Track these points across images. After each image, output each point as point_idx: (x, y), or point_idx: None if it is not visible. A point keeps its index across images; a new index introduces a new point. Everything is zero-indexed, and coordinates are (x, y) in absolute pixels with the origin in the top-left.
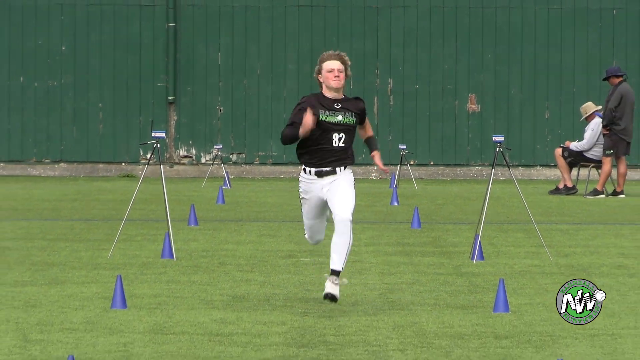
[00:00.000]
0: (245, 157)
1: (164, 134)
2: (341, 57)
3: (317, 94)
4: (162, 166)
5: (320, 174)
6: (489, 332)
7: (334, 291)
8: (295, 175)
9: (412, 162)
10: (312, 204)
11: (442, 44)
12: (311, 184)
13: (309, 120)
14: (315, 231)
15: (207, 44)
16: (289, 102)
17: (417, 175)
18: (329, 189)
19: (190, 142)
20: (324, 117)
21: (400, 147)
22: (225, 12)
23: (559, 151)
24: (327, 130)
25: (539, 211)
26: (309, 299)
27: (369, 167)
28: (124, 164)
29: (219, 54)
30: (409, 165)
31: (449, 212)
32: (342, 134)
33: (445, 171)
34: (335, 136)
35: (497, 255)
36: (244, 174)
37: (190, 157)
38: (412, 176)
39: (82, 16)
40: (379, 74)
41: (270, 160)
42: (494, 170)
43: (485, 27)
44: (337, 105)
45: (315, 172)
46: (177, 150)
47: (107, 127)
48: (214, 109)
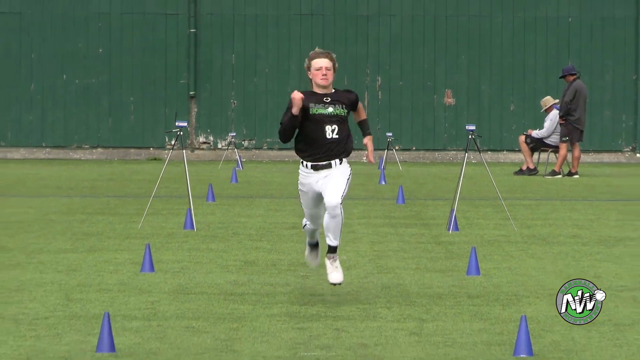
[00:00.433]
0: (255, 143)
1: (186, 124)
2: (329, 55)
3: (307, 91)
4: (184, 151)
5: (316, 168)
6: (463, 292)
7: (337, 278)
8: (298, 158)
9: (397, 148)
10: (309, 197)
11: (423, 47)
12: (308, 176)
13: (296, 95)
14: (314, 217)
15: (223, 47)
16: None
17: (402, 158)
18: (323, 182)
19: (208, 130)
20: (314, 110)
21: (387, 134)
22: (238, 20)
23: (523, 138)
24: (320, 122)
25: (505, 189)
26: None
27: (360, 152)
28: (151, 149)
29: (233, 55)
30: (394, 150)
31: (429, 190)
32: (335, 126)
33: (425, 155)
34: (328, 128)
35: (469, 226)
36: (254, 157)
37: (208, 143)
38: (397, 159)
39: (116, 23)
40: (369, 73)
41: (276, 146)
42: (467, 154)
43: (459, 33)
44: (327, 99)
45: (311, 165)
46: (197, 137)
47: (137, 117)
48: (228, 102)
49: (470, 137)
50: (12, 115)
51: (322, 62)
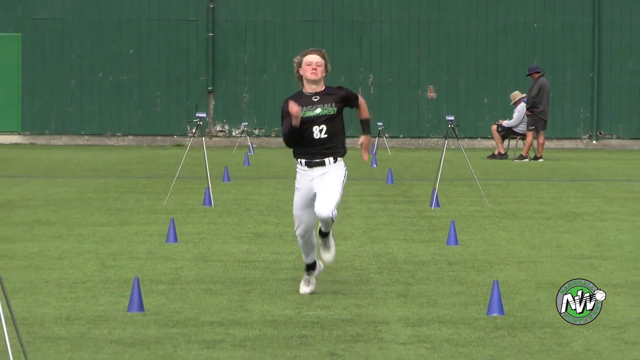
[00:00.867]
0: (264, 131)
1: (204, 115)
2: (320, 52)
3: (297, 93)
4: (203, 138)
5: (310, 165)
6: (443, 260)
7: (328, 258)
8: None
9: (387, 135)
10: (302, 194)
11: (409, 49)
12: (304, 174)
13: (294, 108)
14: (304, 222)
15: (237, 49)
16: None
17: (391, 145)
18: (318, 182)
19: (224, 120)
20: (302, 113)
21: (378, 124)
22: (250, 26)
23: (495, 127)
24: (308, 124)
25: (479, 171)
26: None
27: (355, 138)
28: (175, 136)
29: (245, 56)
30: (384, 137)
31: (414, 172)
32: (323, 126)
33: (411, 142)
34: (315, 129)
35: (449, 203)
36: (264, 144)
37: (224, 132)
38: (387, 145)
39: (144, 28)
40: (362, 71)
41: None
42: (446, 141)
43: (440, 36)
44: (316, 98)
45: (305, 162)
46: (215, 126)
47: (163, 109)
48: (241, 96)
49: (449, 126)
50: (55, 107)
51: (313, 58)
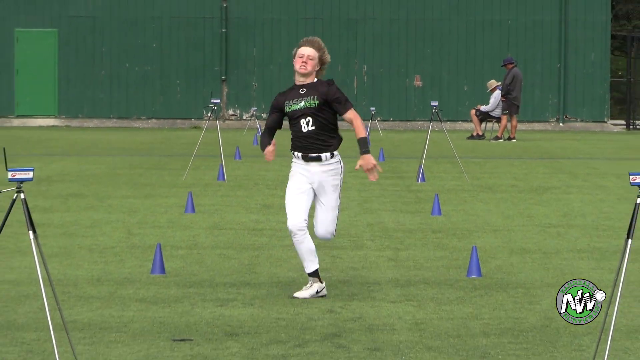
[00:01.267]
0: None
1: (219, 100)
2: (315, 44)
3: (291, 86)
4: (217, 121)
5: (306, 159)
6: (428, 228)
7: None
8: None
9: (378, 119)
10: (297, 179)
11: (398, 43)
12: (299, 165)
13: (268, 157)
14: (295, 208)
15: (247, 42)
16: None
17: (382, 127)
18: (318, 195)
19: (235, 105)
20: (288, 107)
21: (371, 109)
22: (258, 22)
23: (473, 112)
24: (294, 118)
25: (460, 150)
26: (312, 208)
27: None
28: (193, 119)
29: (254, 49)
30: (376, 120)
31: (402, 150)
32: (309, 118)
33: (400, 124)
34: (302, 122)
35: (433, 178)
36: None
37: (235, 115)
38: (379, 127)
39: (166, 24)
40: (357, 63)
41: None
42: (431, 123)
43: (425, 32)
44: (302, 90)
45: (302, 156)
46: (227, 110)
47: (183, 96)
48: (251, 85)
49: (433, 111)
50: (87, 94)
51: (305, 51)
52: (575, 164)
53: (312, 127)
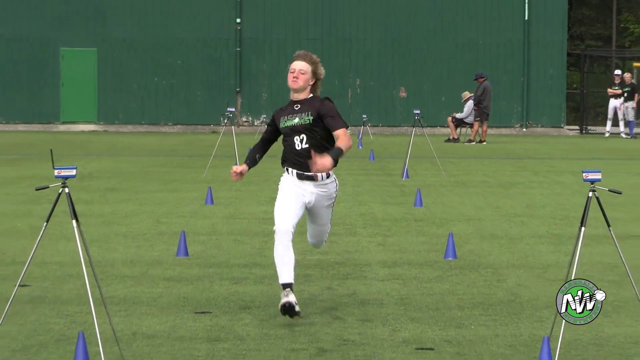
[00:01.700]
0: None
1: (234, 109)
2: (307, 57)
3: (288, 102)
4: (232, 127)
5: (301, 177)
6: (411, 218)
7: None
8: None
9: (369, 125)
10: (289, 192)
11: (385, 60)
12: (292, 181)
13: (233, 176)
14: (285, 212)
15: (257, 59)
16: None
17: (372, 132)
18: (310, 209)
19: (248, 113)
20: (282, 123)
21: (363, 116)
22: (267, 42)
23: (450, 118)
24: (288, 134)
25: (438, 151)
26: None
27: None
28: (212, 125)
29: (264, 65)
30: (368, 126)
31: (390, 152)
32: (303, 135)
33: (387, 129)
34: (296, 139)
35: (415, 175)
36: None
37: (248, 122)
38: (369, 132)
39: (190, 44)
40: (351, 76)
41: None
42: (414, 129)
43: (410, 50)
44: (297, 106)
45: (297, 174)
46: (241, 117)
47: (203, 105)
48: (261, 95)
49: (416, 118)
50: (122, 103)
51: (296, 65)
52: (536, 163)
53: (306, 145)
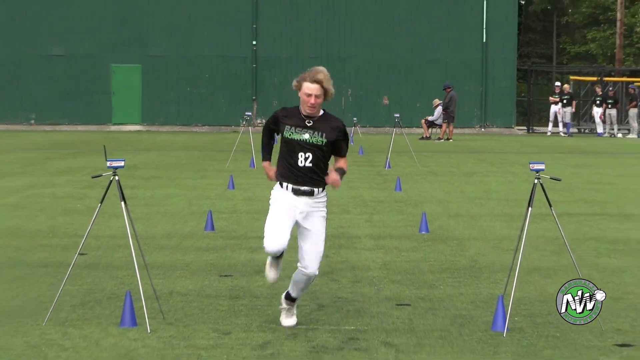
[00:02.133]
0: None
1: (250, 113)
2: (322, 77)
3: (294, 107)
4: (250, 127)
5: (296, 192)
6: (392, 200)
7: (291, 322)
8: None
9: (359, 126)
10: (281, 208)
11: (373, 75)
12: (286, 195)
13: (269, 177)
14: (275, 232)
15: (270, 74)
16: None
17: (361, 131)
18: (304, 223)
19: (262, 116)
20: (289, 133)
21: (354, 119)
22: (277, 59)
23: (423, 121)
24: (292, 147)
25: (414, 147)
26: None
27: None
28: (232, 126)
29: (275, 78)
30: (357, 127)
31: (375, 147)
32: (309, 154)
33: (373, 129)
34: (301, 155)
35: (396, 166)
36: None
37: (262, 123)
38: (359, 132)
39: (214, 61)
40: (344, 87)
41: None
42: (395, 129)
43: (390, 67)
44: (309, 122)
45: (292, 189)
46: (257, 120)
47: (226, 110)
48: (272, 103)
49: (396, 120)
50: (162, 109)
51: (313, 90)
52: (492, 157)
53: (310, 164)
